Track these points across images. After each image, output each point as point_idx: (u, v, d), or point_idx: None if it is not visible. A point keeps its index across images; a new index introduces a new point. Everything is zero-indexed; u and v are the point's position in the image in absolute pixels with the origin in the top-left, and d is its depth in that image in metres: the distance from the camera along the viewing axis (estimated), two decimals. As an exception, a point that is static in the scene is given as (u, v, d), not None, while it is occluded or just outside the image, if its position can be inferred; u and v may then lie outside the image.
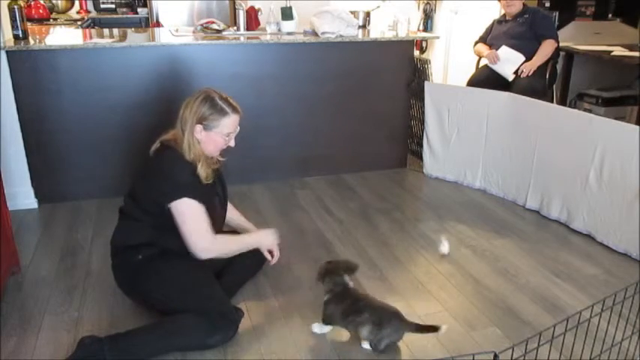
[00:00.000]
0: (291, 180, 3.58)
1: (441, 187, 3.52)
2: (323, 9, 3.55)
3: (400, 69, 3.65)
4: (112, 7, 5.48)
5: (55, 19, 5.13)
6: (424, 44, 5.33)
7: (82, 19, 5.14)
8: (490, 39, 3.95)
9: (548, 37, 3.73)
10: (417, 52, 4.76)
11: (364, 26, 4.11)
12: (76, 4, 5.53)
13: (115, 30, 4.13)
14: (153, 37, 3.53)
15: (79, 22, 4.84)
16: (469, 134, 3.40)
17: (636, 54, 3.91)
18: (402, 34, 3.65)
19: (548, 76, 3.81)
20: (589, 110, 4.22)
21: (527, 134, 3.09)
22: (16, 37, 3.04)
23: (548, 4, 4.69)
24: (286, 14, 3.59)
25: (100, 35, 3.55)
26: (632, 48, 4.14)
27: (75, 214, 3.06)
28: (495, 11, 4.41)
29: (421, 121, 3.74)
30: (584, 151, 2.77)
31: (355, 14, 3.92)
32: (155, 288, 1.99)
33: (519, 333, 2.03)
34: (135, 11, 5.36)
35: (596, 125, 2.73)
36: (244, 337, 2.00)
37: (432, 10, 5.25)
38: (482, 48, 3.95)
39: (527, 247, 2.72)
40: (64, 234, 2.82)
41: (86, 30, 4.10)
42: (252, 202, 3.23)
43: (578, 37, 4.51)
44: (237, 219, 2.37)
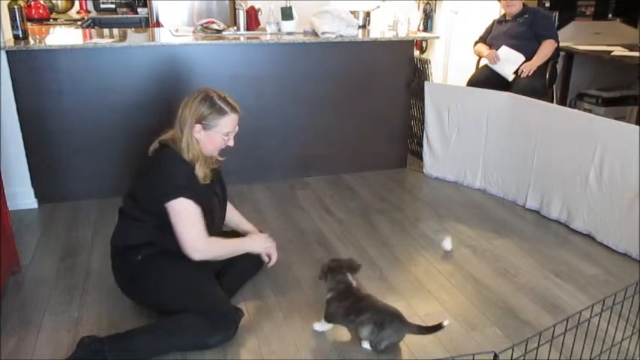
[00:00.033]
0: (291, 180, 3.58)
1: (441, 187, 3.52)
2: (323, 9, 3.55)
3: (400, 69, 3.64)
4: (112, 7, 5.48)
5: (55, 19, 5.13)
6: (424, 44, 5.33)
7: (82, 19, 5.14)
8: (490, 39, 3.95)
9: (548, 37, 3.74)
10: (417, 52, 4.75)
11: (364, 26, 4.11)
12: (76, 4, 5.53)
13: (115, 30, 4.13)
14: (153, 37, 3.53)
15: (79, 22, 4.84)
16: (469, 134, 3.40)
17: (636, 54, 3.91)
18: (402, 34, 3.65)
19: (548, 76, 3.81)
20: (589, 110, 4.22)
21: (527, 134, 3.10)
22: (16, 37, 3.05)
23: (548, 4, 4.69)
24: (286, 14, 3.59)
25: (100, 35, 3.55)
26: (632, 48, 4.14)
27: (75, 214, 3.06)
28: (495, 11, 4.41)
29: (421, 121, 3.74)
30: (584, 151, 2.77)
31: (355, 14, 3.92)
32: (155, 288, 1.99)
33: (519, 333, 2.03)
34: (135, 11, 5.36)
35: (596, 125, 2.73)
36: (244, 337, 2.00)
37: (432, 10, 5.25)
38: (482, 48, 3.95)
39: (527, 247, 2.72)
40: (64, 234, 2.82)
41: (86, 30, 4.10)
42: (252, 202, 3.23)
43: (578, 37, 4.51)
44: (237, 219, 2.36)
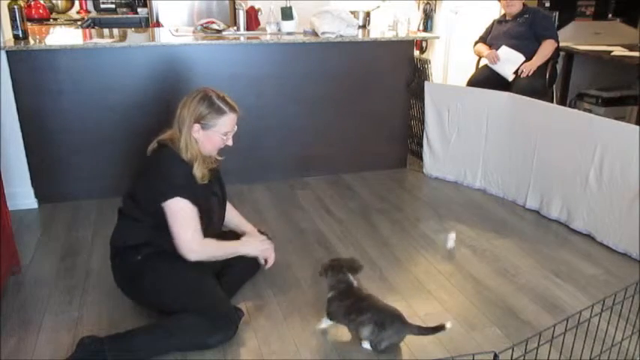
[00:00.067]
0: (291, 180, 3.58)
1: (441, 187, 3.52)
2: (323, 9, 3.55)
3: (400, 69, 3.64)
4: (112, 7, 5.48)
5: (55, 19, 5.13)
6: (424, 44, 5.33)
7: (82, 19, 5.14)
8: (490, 39, 3.95)
9: (548, 37, 3.73)
10: (417, 52, 4.75)
11: (364, 26, 4.11)
12: (76, 4, 5.53)
13: (115, 30, 4.13)
14: (153, 37, 3.53)
15: (79, 22, 4.84)
16: (469, 134, 3.40)
17: (636, 54, 3.91)
18: (402, 34, 3.65)
19: (548, 76, 3.81)
20: (589, 110, 4.22)
21: (527, 134, 3.09)
22: (16, 37, 3.04)
23: (548, 4, 4.69)
24: (286, 14, 3.59)
25: (100, 35, 3.55)
26: (632, 48, 4.14)
27: (75, 214, 3.06)
28: (495, 11, 4.41)
29: (421, 121, 3.74)
30: (584, 151, 2.77)
31: (355, 14, 3.92)
32: (155, 288, 1.98)
33: (519, 333, 2.03)
34: (135, 11, 5.36)
35: (596, 125, 2.73)
36: (244, 337, 2.00)
37: (432, 10, 5.25)
38: (483, 48, 3.94)
39: (527, 247, 2.72)
40: (64, 234, 2.82)
41: (86, 30, 4.10)
42: (252, 202, 3.23)
43: (578, 37, 4.51)
44: (236, 220, 2.35)
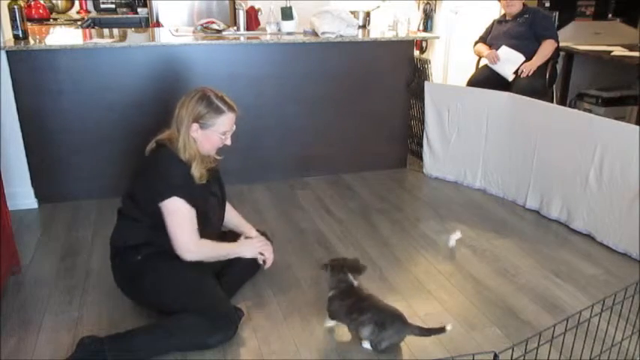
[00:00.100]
0: (291, 180, 3.58)
1: (441, 187, 3.52)
2: (323, 9, 3.55)
3: (400, 69, 3.64)
4: (112, 7, 5.48)
5: (55, 19, 5.13)
6: (424, 44, 5.32)
7: (82, 19, 5.14)
8: (490, 39, 3.95)
9: (548, 37, 3.73)
10: (417, 52, 4.75)
11: (364, 26, 4.11)
12: (76, 4, 5.53)
13: (115, 30, 4.13)
14: (153, 37, 3.53)
15: (79, 22, 4.84)
16: (469, 134, 3.40)
17: (636, 54, 3.91)
18: (402, 34, 3.65)
19: (548, 76, 3.81)
20: (589, 110, 4.22)
21: (527, 134, 3.09)
22: (16, 37, 3.04)
23: (548, 4, 4.69)
24: (286, 14, 3.59)
25: (100, 35, 3.55)
26: (632, 48, 4.14)
27: (75, 214, 3.06)
28: (495, 11, 4.41)
29: (421, 121, 3.74)
30: (584, 151, 2.77)
31: (355, 14, 3.92)
32: (155, 288, 1.98)
33: (519, 333, 2.03)
34: (135, 11, 5.36)
35: (596, 125, 2.73)
36: (244, 337, 2.00)
37: (432, 10, 5.25)
38: (482, 48, 3.94)
39: (527, 247, 2.72)
40: (64, 234, 2.82)
41: (86, 30, 4.10)
42: (252, 202, 3.23)
43: (578, 37, 4.51)
44: (236, 220, 2.34)
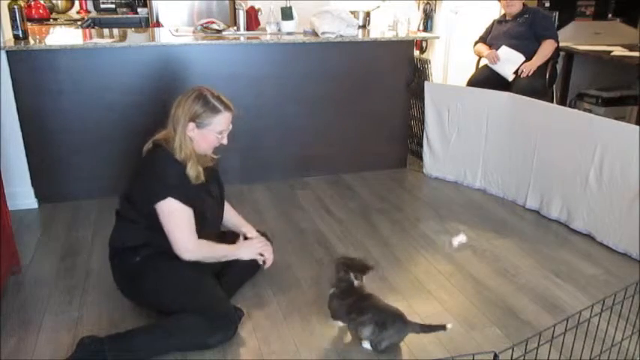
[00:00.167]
0: (291, 180, 3.58)
1: (441, 187, 3.52)
2: (323, 9, 3.55)
3: (400, 69, 3.64)
4: (112, 7, 5.48)
5: (55, 19, 5.13)
6: (424, 44, 5.32)
7: (82, 19, 5.14)
8: (490, 39, 3.95)
9: (548, 37, 3.73)
10: (417, 52, 4.75)
11: (364, 26, 4.11)
12: (76, 4, 5.53)
13: (115, 30, 4.13)
14: (153, 37, 3.53)
15: (79, 22, 4.84)
16: (469, 134, 3.40)
17: (636, 54, 3.91)
18: (402, 34, 3.65)
19: (548, 76, 3.81)
20: (589, 110, 4.22)
21: (527, 134, 3.09)
22: (16, 37, 3.04)
23: (548, 4, 4.69)
24: (286, 14, 3.59)
25: (100, 35, 3.55)
26: (632, 48, 4.14)
27: (75, 214, 3.06)
28: (495, 11, 4.41)
29: (421, 121, 3.74)
30: (584, 151, 2.77)
31: (355, 14, 3.92)
32: (154, 289, 1.98)
33: (519, 333, 2.03)
34: (135, 11, 5.36)
35: (596, 125, 2.73)
36: (244, 337, 2.00)
37: (432, 10, 5.25)
38: (482, 48, 3.94)
39: (527, 247, 2.72)
40: (64, 234, 2.82)
41: (86, 30, 4.10)
42: (252, 202, 3.23)
43: (578, 37, 4.51)
44: (235, 220, 2.33)
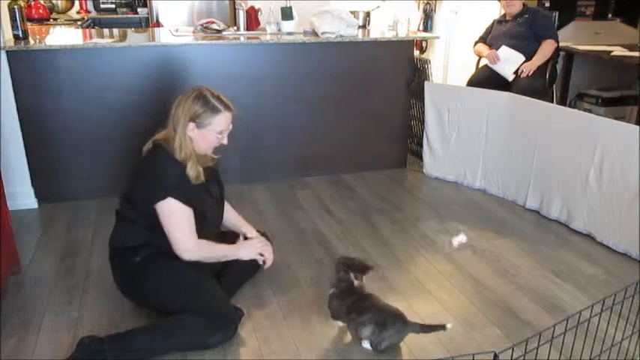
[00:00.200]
0: (291, 180, 3.58)
1: (441, 187, 3.52)
2: (323, 9, 3.55)
3: (400, 69, 3.64)
4: (112, 7, 5.48)
5: (55, 19, 5.13)
6: (424, 44, 5.32)
7: (82, 19, 5.14)
8: (490, 39, 3.95)
9: (548, 37, 3.73)
10: (417, 52, 4.75)
11: (364, 26, 4.11)
12: (76, 4, 5.53)
13: (115, 30, 4.13)
14: (153, 37, 3.53)
15: (79, 22, 4.84)
16: (469, 134, 3.40)
17: (636, 54, 3.91)
18: (402, 34, 3.65)
19: (548, 76, 3.81)
20: (589, 110, 4.22)
21: (527, 134, 3.09)
22: (16, 37, 3.04)
23: (548, 4, 4.69)
24: (286, 14, 3.59)
25: (100, 35, 3.55)
26: (632, 48, 4.14)
27: (75, 214, 3.06)
28: (495, 11, 4.41)
29: (421, 121, 3.74)
30: (584, 151, 2.77)
31: (355, 14, 3.92)
32: (154, 289, 1.98)
33: (519, 333, 2.03)
34: (135, 11, 5.36)
35: (596, 125, 2.73)
36: (244, 337, 2.00)
37: (432, 10, 5.25)
38: (482, 48, 3.94)
39: (527, 247, 2.72)
40: (64, 234, 2.82)
41: (86, 30, 4.10)
42: (252, 202, 3.23)
43: (578, 37, 4.51)
44: (235, 220, 2.33)
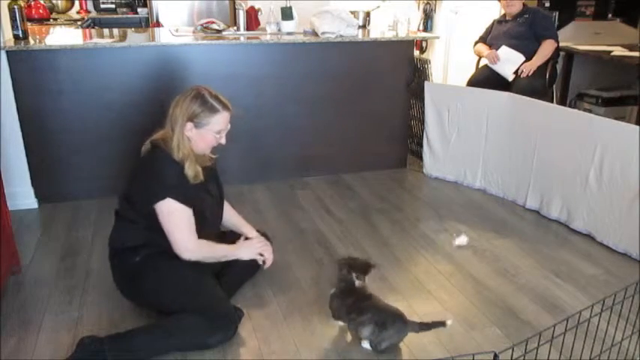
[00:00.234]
0: (291, 180, 3.58)
1: (441, 187, 3.52)
2: (323, 9, 3.55)
3: (400, 69, 3.64)
4: (112, 7, 5.48)
5: (55, 19, 5.13)
6: (424, 44, 5.33)
7: (82, 19, 5.14)
8: (490, 39, 3.95)
9: (548, 37, 3.73)
10: (417, 52, 4.75)
11: (364, 26, 4.11)
12: (76, 4, 5.53)
13: (115, 30, 4.13)
14: (153, 37, 3.53)
15: (79, 22, 4.84)
16: (469, 134, 3.40)
17: (636, 54, 3.91)
18: (402, 34, 3.65)
19: (548, 76, 3.81)
20: (589, 110, 4.22)
21: (527, 134, 3.09)
22: (16, 37, 3.04)
23: (548, 4, 4.69)
24: (286, 14, 3.59)
25: (100, 35, 3.55)
26: (632, 48, 4.14)
27: (75, 214, 3.06)
28: (495, 11, 4.41)
29: (421, 121, 3.74)
30: (584, 151, 2.77)
31: (355, 14, 3.92)
32: (154, 289, 1.98)
33: (519, 333, 2.03)
34: (135, 11, 5.36)
35: (596, 125, 2.73)
36: (244, 337, 2.00)
37: (432, 10, 5.25)
38: (483, 48, 3.94)
39: (527, 247, 2.72)
40: (64, 234, 2.82)
41: (86, 30, 4.10)
42: (252, 202, 3.23)
43: (578, 37, 4.51)
44: (234, 220, 2.33)
